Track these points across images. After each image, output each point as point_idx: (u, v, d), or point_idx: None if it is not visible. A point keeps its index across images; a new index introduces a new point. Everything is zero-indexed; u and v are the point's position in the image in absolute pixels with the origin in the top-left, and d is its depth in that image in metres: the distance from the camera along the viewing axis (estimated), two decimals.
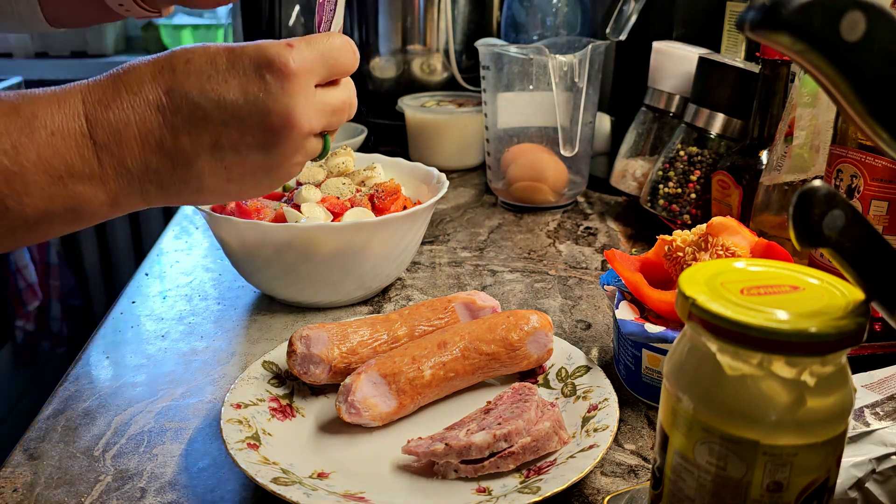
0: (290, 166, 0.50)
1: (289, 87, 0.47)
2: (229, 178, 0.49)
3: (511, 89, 1.06)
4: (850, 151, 0.65)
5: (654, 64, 1.02)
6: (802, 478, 0.35)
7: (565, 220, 1.05)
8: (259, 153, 0.48)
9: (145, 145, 0.46)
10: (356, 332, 0.62)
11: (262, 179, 0.50)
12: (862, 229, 0.33)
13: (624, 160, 1.06)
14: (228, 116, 0.46)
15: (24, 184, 0.43)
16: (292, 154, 0.49)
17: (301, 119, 0.48)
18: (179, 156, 0.47)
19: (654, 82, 1.02)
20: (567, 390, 0.61)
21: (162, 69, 0.46)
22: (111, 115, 0.45)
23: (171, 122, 0.46)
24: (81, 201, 0.46)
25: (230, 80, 0.46)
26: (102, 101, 0.45)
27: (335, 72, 0.50)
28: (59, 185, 0.44)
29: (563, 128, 1.01)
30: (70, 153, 0.44)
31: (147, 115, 0.45)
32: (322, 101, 0.49)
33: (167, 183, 0.48)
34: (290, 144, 0.48)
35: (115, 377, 0.67)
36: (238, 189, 0.50)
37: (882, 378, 0.52)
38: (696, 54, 0.93)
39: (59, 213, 0.45)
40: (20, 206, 0.44)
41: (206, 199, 0.51)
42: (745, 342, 0.33)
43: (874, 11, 0.29)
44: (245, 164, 0.48)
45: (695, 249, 0.62)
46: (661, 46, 1.00)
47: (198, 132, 0.46)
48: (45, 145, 0.44)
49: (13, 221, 0.45)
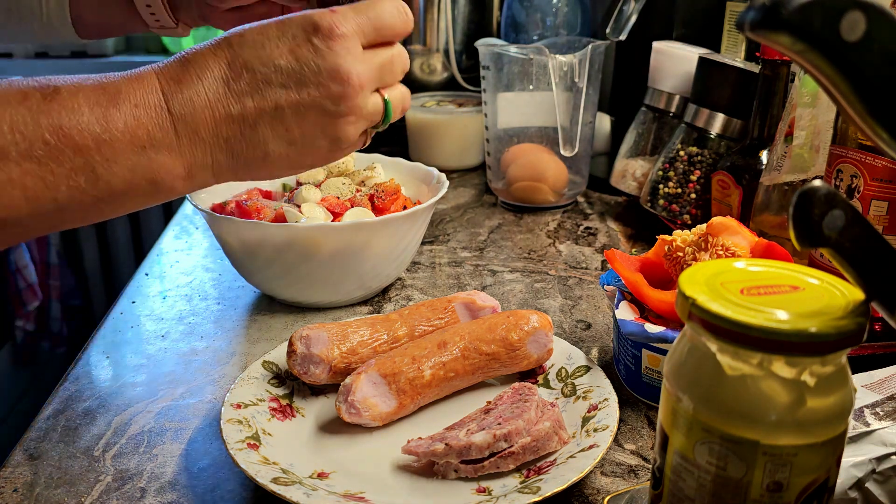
0: (347, 127, 0.53)
1: (335, 46, 0.50)
2: (291, 141, 0.52)
3: (511, 89, 1.06)
4: (850, 151, 0.65)
5: (654, 64, 1.02)
6: (802, 478, 0.35)
7: (565, 220, 1.05)
8: (316, 112, 0.52)
9: (215, 113, 0.50)
10: (356, 332, 0.62)
11: (321, 142, 0.53)
12: (862, 229, 0.33)
13: (624, 160, 1.06)
14: (284, 79, 0.51)
15: (113, 151, 0.47)
16: (348, 112, 0.52)
17: (350, 73, 0.51)
18: (246, 120, 0.51)
19: (654, 82, 1.02)
20: (567, 390, 0.61)
21: (220, 45, 0.51)
22: (183, 90, 0.49)
23: (235, 90, 0.50)
24: (161, 173, 0.49)
25: (281, 47, 0.50)
26: (174, 78, 0.50)
27: (383, 34, 0.53)
28: (141, 154, 0.48)
29: (563, 128, 1.01)
30: (151, 124, 0.48)
31: (214, 86, 0.50)
32: (370, 58, 0.53)
33: (237, 151, 0.52)
34: (343, 102, 0.52)
35: (115, 377, 0.67)
36: (299, 154, 0.53)
37: (882, 378, 0.52)
38: (696, 54, 0.93)
39: (140, 184, 0.49)
40: (108, 174, 0.47)
41: (271, 167, 0.54)
42: (745, 342, 0.33)
43: (874, 11, 0.29)
44: (304, 124, 0.52)
45: (695, 249, 0.62)
46: (661, 46, 1.00)
47: (260, 96, 0.51)
48: (129, 116, 0.48)
49: (100, 191, 0.48)
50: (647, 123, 1.04)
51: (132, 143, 0.48)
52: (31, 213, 0.46)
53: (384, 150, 0.96)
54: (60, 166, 0.46)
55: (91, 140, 0.46)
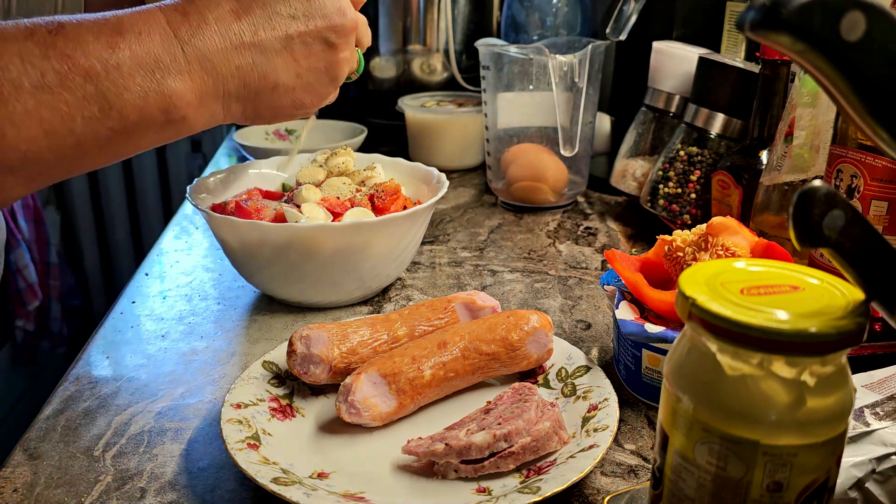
0: (343, 64, 0.60)
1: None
2: (298, 73, 0.57)
3: (511, 89, 1.06)
4: (850, 151, 0.65)
5: (654, 64, 1.02)
6: (802, 478, 0.35)
7: (565, 220, 1.05)
8: (321, 45, 0.58)
9: (226, 41, 0.53)
10: (356, 332, 0.62)
11: (322, 77, 0.59)
12: (862, 229, 0.33)
13: (624, 160, 1.06)
14: (293, 10, 0.56)
15: (121, 76, 0.49)
16: (344, 47, 0.59)
17: (347, 10, 0.59)
18: (259, 48, 0.55)
19: (654, 82, 1.02)
20: (567, 390, 0.61)
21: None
22: (191, 19, 0.52)
23: (247, 20, 0.54)
24: (172, 98, 0.51)
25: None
26: (180, 10, 0.52)
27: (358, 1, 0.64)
28: (151, 78, 0.50)
29: (563, 128, 1.01)
30: (157, 49, 0.50)
31: (224, 17, 0.53)
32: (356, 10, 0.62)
33: (249, 80, 0.55)
34: (343, 36, 0.59)
35: (115, 377, 0.67)
36: (304, 87, 0.58)
37: (882, 378, 0.52)
38: (696, 54, 0.93)
39: (152, 114, 0.51)
40: (120, 101, 0.49)
41: (279, 100, 0.58)
42: (745, 342, 0.33)
43: (874, 11, 0.29)
44: (311, 55, 0.58)
45: (695, 249, 0.62)
46: (662, 46, 1.00)
47: (271, 25, 0.55)
48: (135, 43, 0.50)
49: (114, 122, 0.49)
50: (646, 123, 1.04)
51: (140, 66, 0.49)
52: (50, 147, 0.48)
53: (384, 150, 0.97)
54: (73, 95, 0.47)
55: (99, 65, 0.48)
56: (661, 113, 1.02)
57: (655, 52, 1.01)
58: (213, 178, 0.83)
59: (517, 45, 1.04)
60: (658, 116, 1.03)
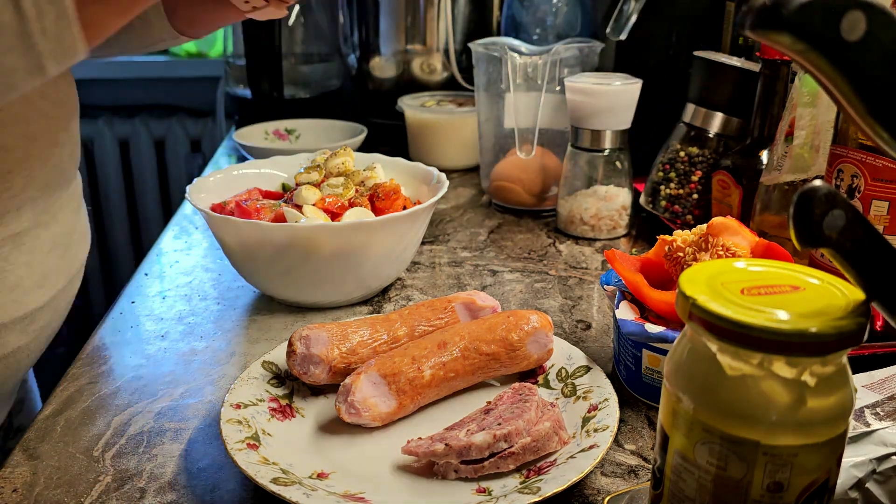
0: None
1: None
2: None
3: (489, 89, 1.07)
4: (850, 151, 0.65)
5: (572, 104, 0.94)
6: (803, 478, 0.35)
7: None
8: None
9: None
10: (356, 332, 0.62)
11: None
12: (862, 229, 0.33)
13: (567, 200, 1.03)
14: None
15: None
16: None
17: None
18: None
19: (579, 122, 0.96)
20: (567, 390, 0.61)
21: None
22: None
23: None
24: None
25: None
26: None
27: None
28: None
29: (518, 129, 1.01)
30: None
31: None
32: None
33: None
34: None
35: (114, 377, 0.67)
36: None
37: (882, 378, 0.52)
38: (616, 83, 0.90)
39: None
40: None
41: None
42: (745, 342, 0.33)
43: (874, 11, 0.29)
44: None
45: (695, 249, 0.62)
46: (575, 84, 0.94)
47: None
48: None
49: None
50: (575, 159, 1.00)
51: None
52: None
53: (384, 150, 0.96)
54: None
55: None
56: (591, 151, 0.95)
57: (570, 90, 0.93)
58: (212, 178, 0.83)
59: (510, 46, 1.03)
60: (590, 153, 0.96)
